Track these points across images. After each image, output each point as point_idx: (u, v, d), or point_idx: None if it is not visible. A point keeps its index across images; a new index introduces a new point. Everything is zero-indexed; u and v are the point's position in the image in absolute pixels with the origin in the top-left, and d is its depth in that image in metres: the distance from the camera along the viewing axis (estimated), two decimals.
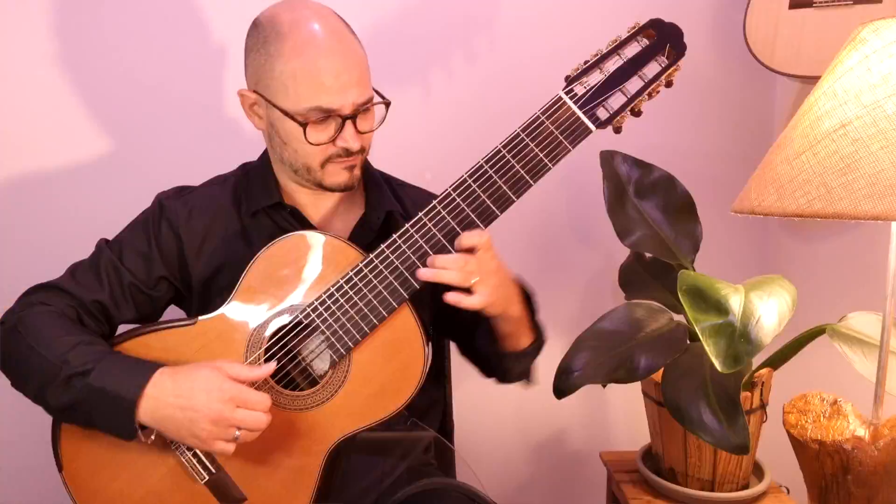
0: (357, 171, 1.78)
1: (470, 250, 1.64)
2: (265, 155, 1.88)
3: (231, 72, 2.43)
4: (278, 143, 1.76)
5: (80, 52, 2.39)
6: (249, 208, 1.83)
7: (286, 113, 1.69)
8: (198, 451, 1.68)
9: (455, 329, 1.97)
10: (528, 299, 1.82)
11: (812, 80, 2.04)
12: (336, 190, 1.79)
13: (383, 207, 1.85)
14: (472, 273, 1.64)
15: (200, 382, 1.60)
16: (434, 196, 1.65)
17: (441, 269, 1.64)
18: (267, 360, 1.68)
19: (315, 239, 1.69)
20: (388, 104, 1.75)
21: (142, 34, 2.40)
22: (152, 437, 1.65)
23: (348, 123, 1.69)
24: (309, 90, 1.65)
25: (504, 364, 1.85)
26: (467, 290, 1.65)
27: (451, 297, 1.64)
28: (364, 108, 1.71)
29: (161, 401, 1.60)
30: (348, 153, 1.72)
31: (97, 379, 1.61)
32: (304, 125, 1.68)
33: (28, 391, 1.69)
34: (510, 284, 1.74)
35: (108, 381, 1.61)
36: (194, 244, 1.83)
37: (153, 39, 2.41)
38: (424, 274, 1.64)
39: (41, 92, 2.39)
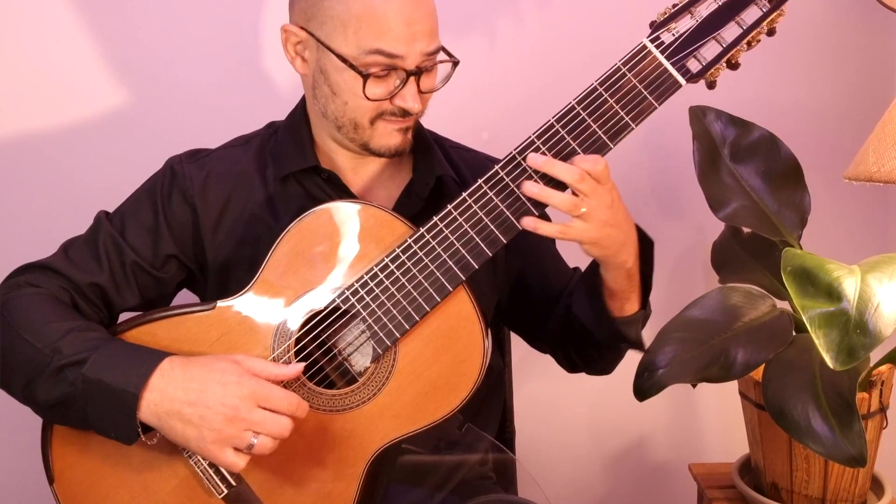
0: (410, 136, 1.79)
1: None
2: (297, 111, 1.88)
3: (267, 12, 2.43)
4: (325, 93, 1.76)
5: None
6: (278, 173, 1.83)
7: (343, 59, 1.69)
8: None
9: (526, 311, 1.96)
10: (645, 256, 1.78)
11: None
12: (384, 154, 1.79)
13: (433, 172, 1.85)
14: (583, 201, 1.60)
15: (216, 374, 1.58)
16: (495, 160, 1.64)
17: (548, 193, 1.61)
18: (298, 353, 1.67)
19: (354, 210, 1.68)
20: (455, 62, 1.76)
21: None
22: (155, 440, 1.65)
23: (411, 80, 1.70)
24: (371, 31, 1.65)
25: (604, 329, 1.79)
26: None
27: (548, 227, 1.61)
28: (431, 62, 1.72)
29: (167, 394, 1.58)
30: (404, 113, 1.73)
31: (93, 369, 1.60)
32: (365, 77, 1.68)
33: (14, 387, 1.68)
34: (627, 227, 1.70)
35: (107, 372, 1.60)
36: (211, 216, 1.83)
37: None
38: (531, 189, 1.60)
39: (31, 33, 2.39)
